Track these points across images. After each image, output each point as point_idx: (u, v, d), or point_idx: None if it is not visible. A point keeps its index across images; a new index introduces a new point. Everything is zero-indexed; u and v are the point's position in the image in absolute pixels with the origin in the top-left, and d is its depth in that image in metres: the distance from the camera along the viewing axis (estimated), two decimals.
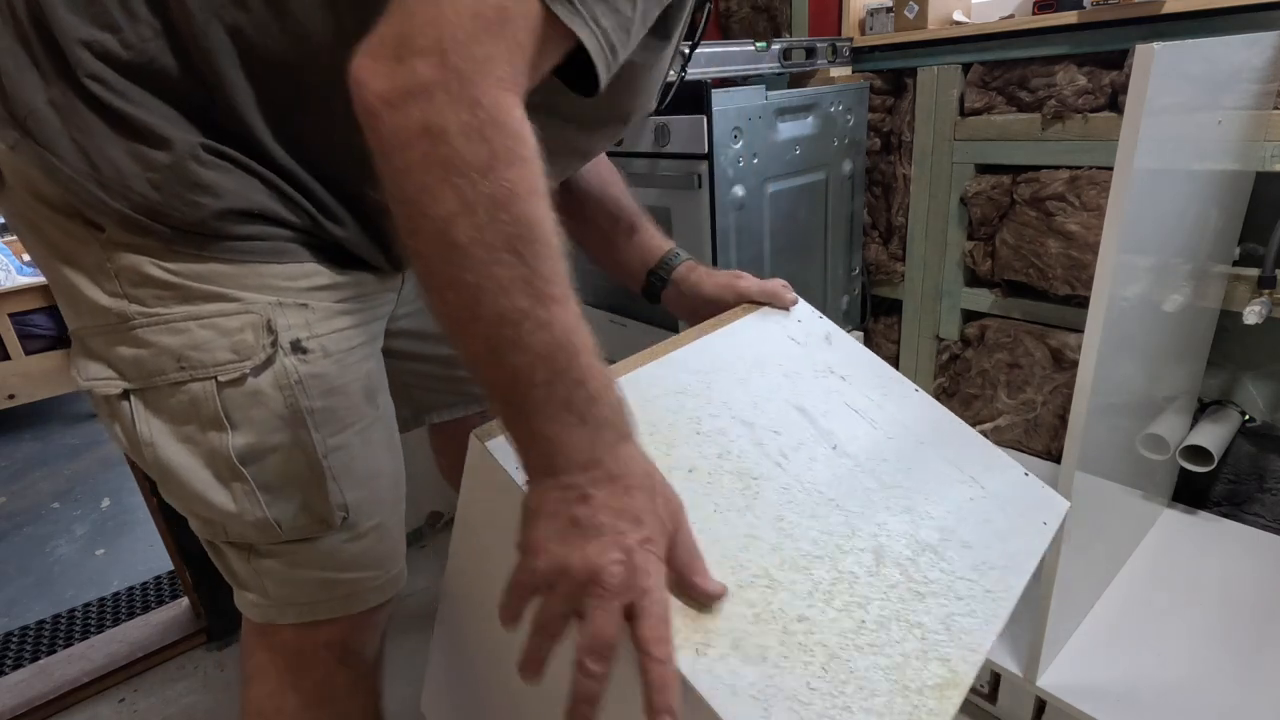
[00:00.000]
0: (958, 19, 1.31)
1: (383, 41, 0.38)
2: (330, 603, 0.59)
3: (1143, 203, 0.69)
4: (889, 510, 0.58)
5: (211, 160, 0.49)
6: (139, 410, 0.53)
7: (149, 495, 1.22)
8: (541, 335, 0.40)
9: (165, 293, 0.50)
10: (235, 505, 0.54)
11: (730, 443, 0.57)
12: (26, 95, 0.47)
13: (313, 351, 0.55)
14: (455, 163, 0.38)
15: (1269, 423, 1.14)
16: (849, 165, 1.35)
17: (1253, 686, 0.85)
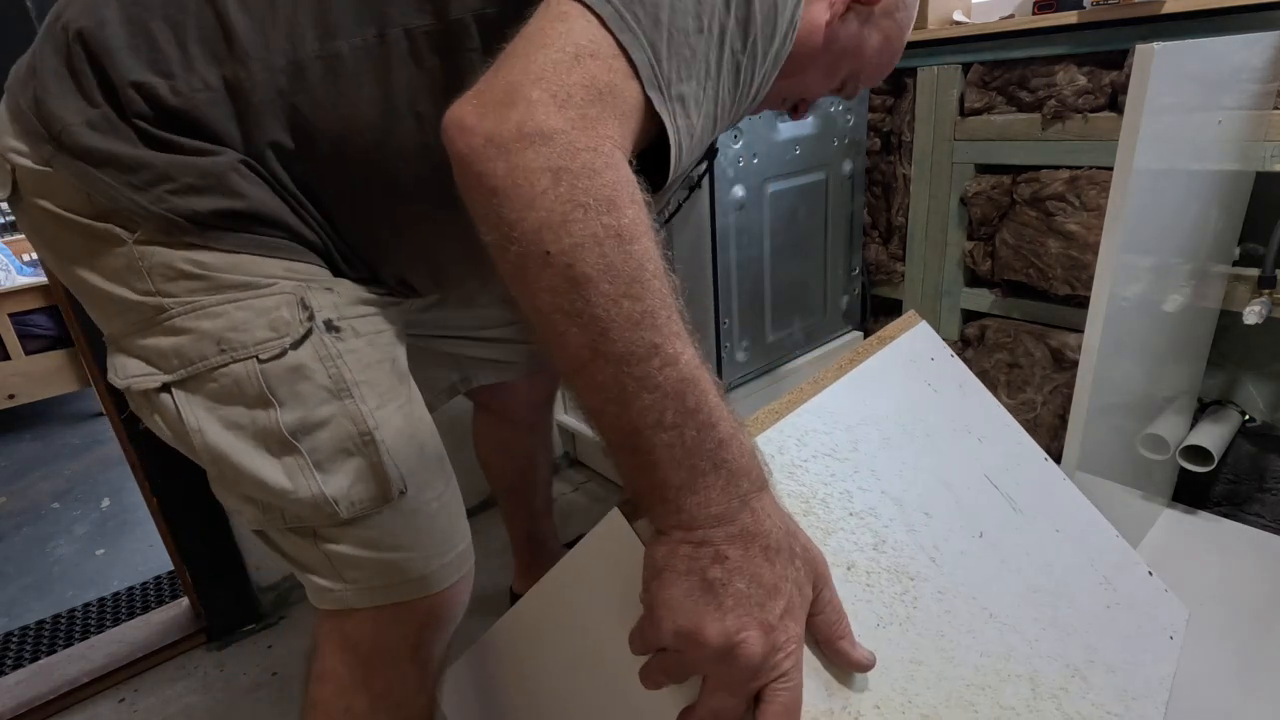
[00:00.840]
0: (958, 19, 1.31)
1: (491, 90, 0.39)
2: (405, 584, 0.59)
3: (1143, 203, 0.69)
4: (1038, 622, 0.58)
5: (250, 175, 0.52)
6: (182, 399, 0.53)
7: (149, 495, 1.22)
8: (670, 372, 0.39)
9: (198, 284, 0.52)
10: (290, 481, 0.54)
11: (884, 528, 0.55)
12: (64, 114, 0.49)
13: (345, 331, 0.56)
14: (580, 198, 0.38)
15: (1269, 423, 1.14)
16: (849, 165, 1.35)
17: (1253, 686, 0.85)
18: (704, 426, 0.39)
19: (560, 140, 0.38)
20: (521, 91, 0.38)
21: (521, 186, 0.37)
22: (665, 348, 0.39)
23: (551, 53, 0.39)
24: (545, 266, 0.38)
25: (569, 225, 0.37)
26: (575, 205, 0.37)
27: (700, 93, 0.45)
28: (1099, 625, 0.62)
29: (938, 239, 1.40)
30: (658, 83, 0.42)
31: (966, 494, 0.63)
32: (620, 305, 0.38)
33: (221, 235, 0.52)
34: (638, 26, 0.41)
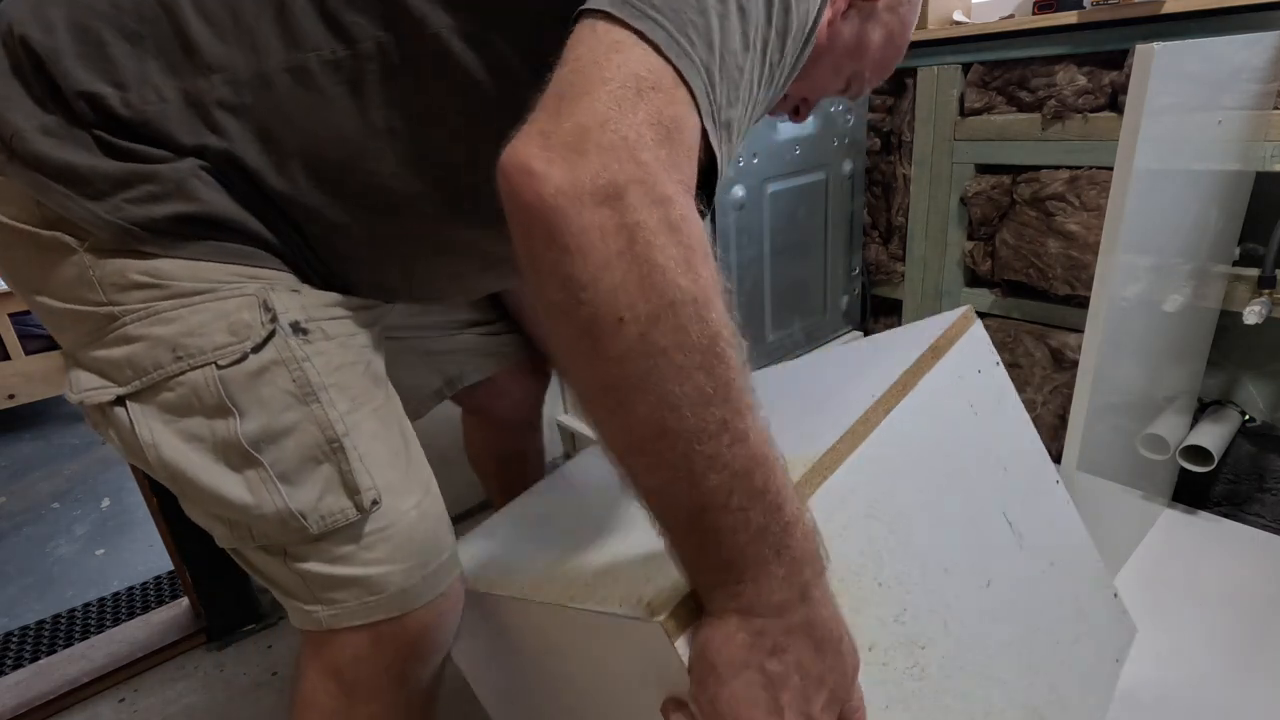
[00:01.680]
0: (958, 19, 1.31)
1: (558, 133, 0.35)
2: (385, 601, 0.55)
3: (1143, 203, 0.69)
4: (1017, 669, 0.63)
5: (211, 181, 0.49)
6: (136, 413, 0.50)
7: (149, 495, 1.22)
8: (739, 450, 0.37)
9: (153, 292, 0.49)
10: (253, 496, 0.51)
11: (907, 595, 0.55)
12: (17, 120, 0.47)
13: (313, 333, 0.53)
14: (658, 259, 0.35)
15: (1269, 423, 1.14)
16: (849, 165, 1.35)
17: (1253, 686, 0.85)
18: (770, 509, 0.38)
19: (636, 194, 0.35)
20: (591, 137, 0.35)
21: (596, 246, 0.35)
22: (735, 424, 0.37)
23: (614, 88, 0.36)
24: (617, 334, 0.35)
25: (646, 290, 0.35)
26: (653, 268, 0.35)
27: (743, 114, 0.43)
28: (1064, 661, 0.64)
29: (938, 239, 1.40)
30: (713, 113, 0.40)
31: (984, 536, 0.64)
32: (694, 378, 0.36)
33: (180, 243, 0.49)
34: (694, 51, 0.39)
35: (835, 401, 0.63)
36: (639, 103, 0.36)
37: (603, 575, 0.56)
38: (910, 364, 0.62)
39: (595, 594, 0.54)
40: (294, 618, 0.57)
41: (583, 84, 0.36)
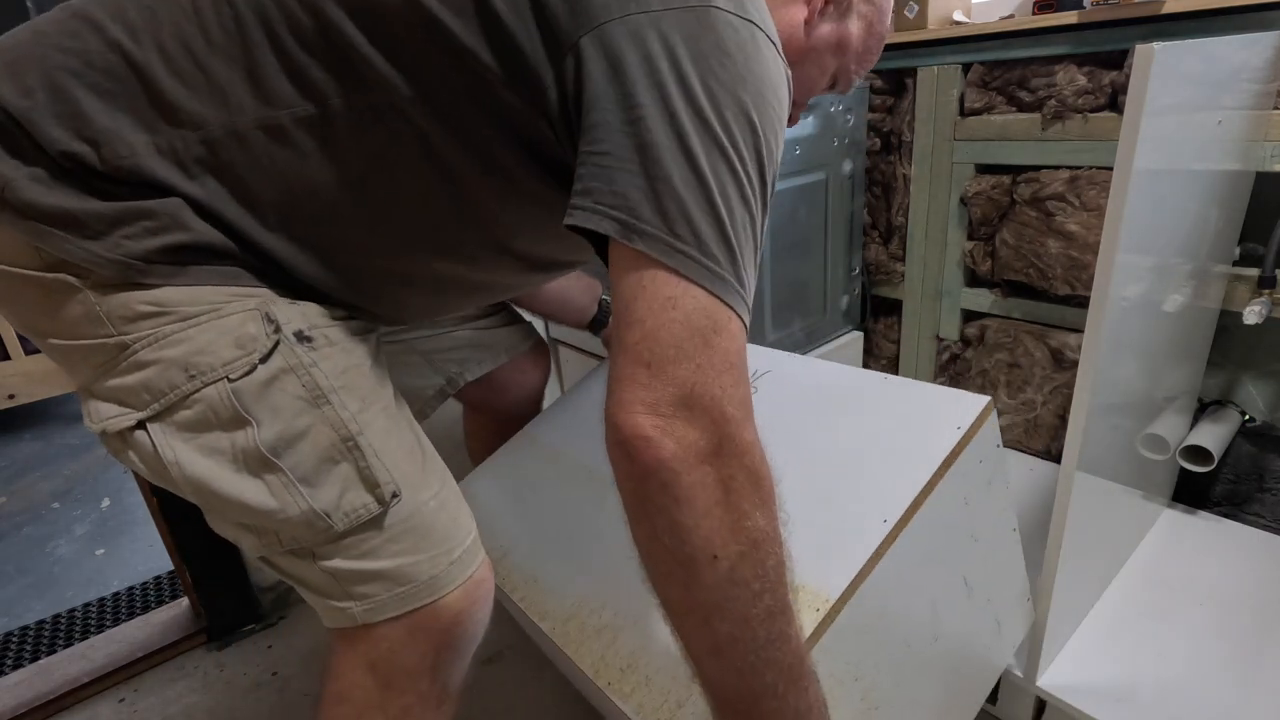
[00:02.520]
0: (958, 19, 1.31)
1: (659, 403, 0.43)
2: (415, 590, 0.57)
3: (1143, 203, 0.69)
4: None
5: (197, 218, 0.51)
6: (157, 434, 0.52)
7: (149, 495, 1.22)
8: (790, 650, 0.47)
9: (158, 320, 0.50)
10: (276, 500, 0.52)
11: (866, 675, 0.68)
12: (4, 171, 0.48)
13: (317, 340, 0.54)
14: (743, 506, 0.44)
15: (1269, 423, 1.14)
16: (849, 165, 1.35)
17: (1253, 686, 0.85)
18: (800, 694, 0.48)
19: (727, 449, 0.43)
20: (688, 404, 0.43)
21: (699, 498, 0.43)
22: (788, 630, 0.47)
23: (689, 348, 0.43)
24: (710, 568, 0.43)
25: (737, 534, 0.43)
26: (741, 514, 0.44)
27: (755, 264, 0.49)
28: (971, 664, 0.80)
29: (938, 239, 1.40)
30: (747, 305, 0.47)
31: (941, 597, 0.73)
32: (764, 600, 0.45)
33: (179, 271, 0.50)
34: (725, 272, 0.45)
35: (844, 511, 0.69)
36: (711, 354, 0.44)
37: (636, 662, 0.65)
38: (925, 482, 0.67)
39: (626, 682, 0.63)
40: (327, 618, 0.59)
41: (662, 352, 0.43)
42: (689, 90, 0.44)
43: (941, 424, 0.71)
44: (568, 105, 0.48)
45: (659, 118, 0.44)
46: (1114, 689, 0.86)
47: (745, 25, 0.47)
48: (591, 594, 0.75)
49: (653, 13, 0.45)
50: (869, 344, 1.61)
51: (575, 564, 0.80)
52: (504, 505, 0.93)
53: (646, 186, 0.44)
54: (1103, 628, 0.95)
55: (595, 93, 0.45)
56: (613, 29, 0.45)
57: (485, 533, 0.85)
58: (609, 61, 0.45)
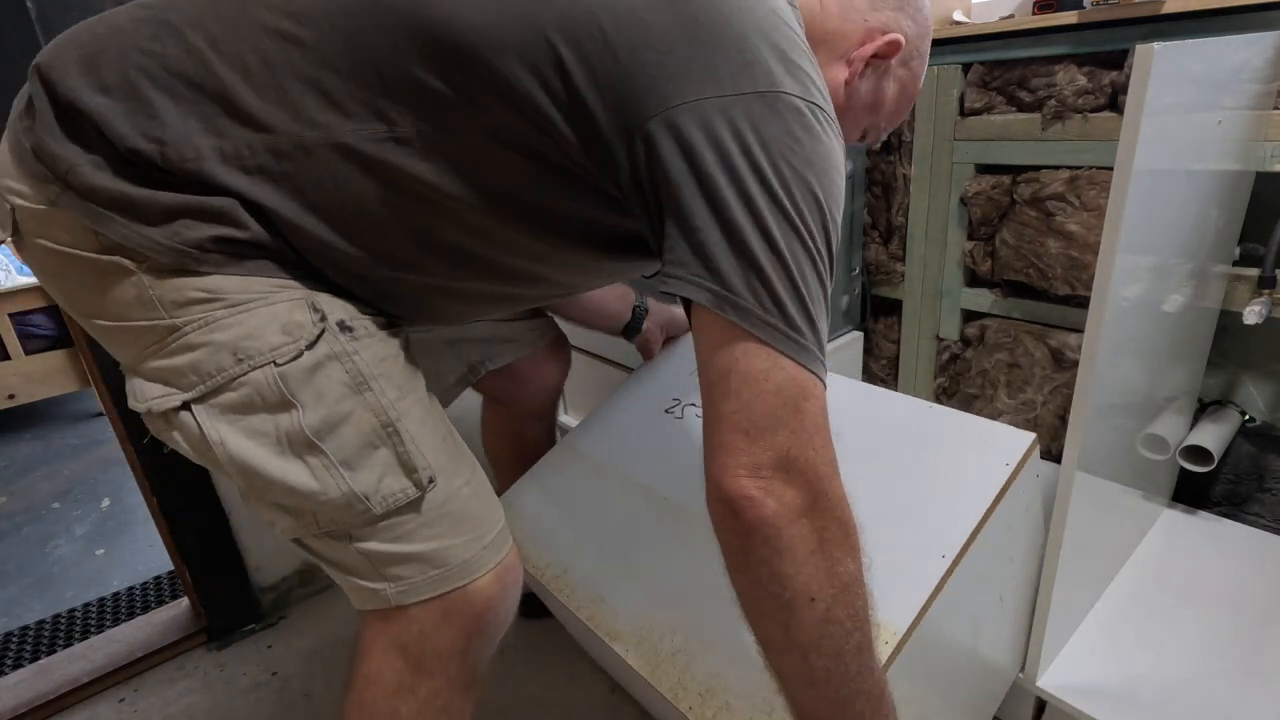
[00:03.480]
0: (958, 19, 1.31)
1: (762, 466, 0.48)
2: (449, 573, 0.59)
3: (1143, 203, 0.69)
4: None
5: (252, 220, 0.53)
6: (202, 414, 0.54)
7: (149, 495, 1.22)
8: (873, 680, 0.53)
9: (209, 305, 0.52)
10: (318, 482, 0.54)
11: None
12: (69, 155, 0.50)
13: (358, 330, 0.57)
14: (835, 554, 0.49)
15: (1269, 423, 1.14)
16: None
17: (1253, 686, 0.85)
18: (884, 715, 0.54)
19: (821, 504, 0.48)
20: (786, 467, 0.47)
21: (799, 549, 0.48)
22: (872, 664, 0.52)
23: (783, 415, 0.48)
24: (809, 609, 0.48)
25: (831, 579, 0.49)
26: (834, 561, 0.49)
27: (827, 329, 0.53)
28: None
29: (938, 239, 1.40)
30: (825, 368, 0.51)
31: (978, 611, 0.78)
32: (854, 637, 0.50)
33: (231, 262, 0.52)
34: (809, 342, 0.49)
35: (905, 546, 0.73)
36: (803, 419, 0.48)
37: (715, 686, 0.68)
38: (979, 519, 0.72)
39: (708, 707, 0.67)
40: (358, 600, 0.60)
41: (759, 420, 0.48)
42: (761, 175, 0.47)
43: (992, 460, 0.75)
44: (639, 177, 0.50)
45: (737, 201, 0.47)
46: (1114, 689, 0.86)
47: (810, 109, 0.49)
48: (661, 617, 0.77)
49: (725, 98, 0.47)
50: (869, 344, 1.61)
51: (641, 585, 0.81)
52: (556, 519, 0.94)
53: (736, 264, 0.47)
54: (1103, 628, 0.95)
55: (672, 172, 0.48)
56: (681, 114, 0.47)
57: (540, 547, 0.90)
58: (680, 146, 0.47)
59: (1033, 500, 0.81)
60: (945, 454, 0.79)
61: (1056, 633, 0.88)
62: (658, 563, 0.83)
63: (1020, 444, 0.76)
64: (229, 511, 1.30)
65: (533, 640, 1.23)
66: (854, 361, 1.53)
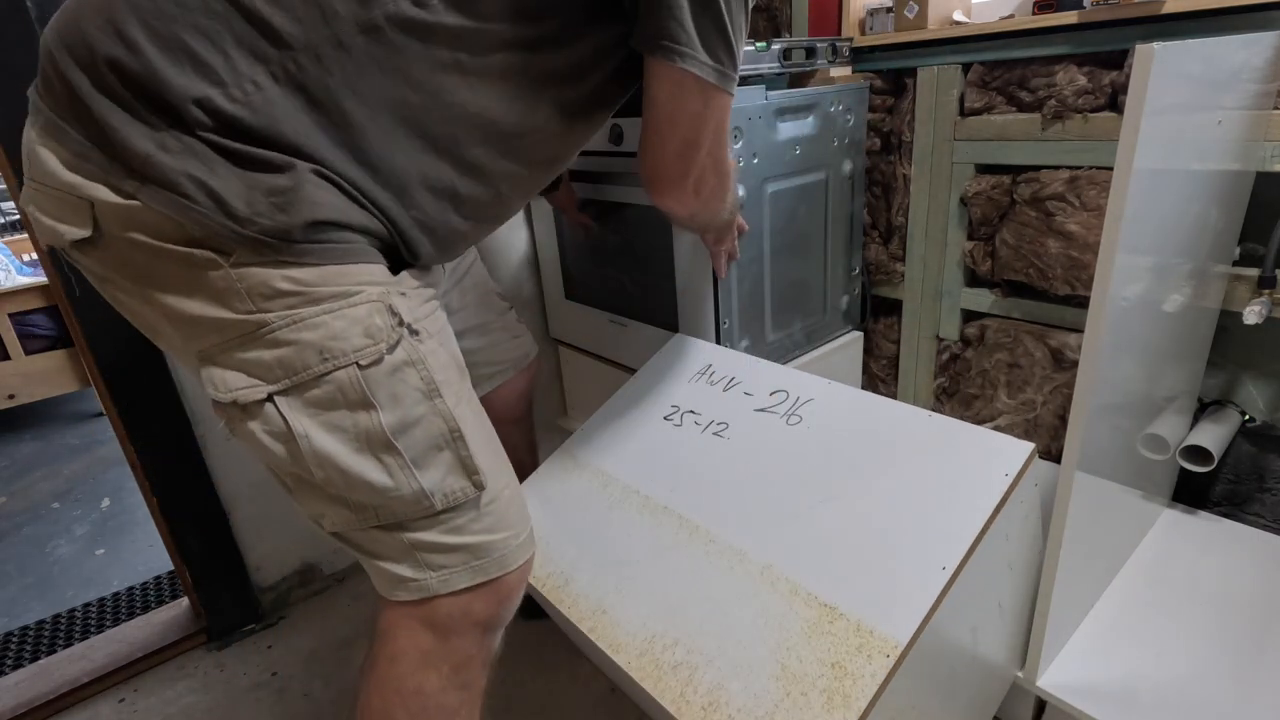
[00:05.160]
0: (958, 19, 1.31)
1: (676, 179, 0.74)
2: (489, 564, 0.64)
3: (1143, 203, 0.69)
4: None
5: (319, 181, 0.55)
6: (286, 407, 0.56)
7: (149, 495, 1.22)
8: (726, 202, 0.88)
9: (294, 299, 0.54)
10: (392, 480, 0.58)
11: None
12: (138, 144, 0.50)
13: (422, 333, 0.60)
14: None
15: (1269, 423, 1.14)
16: (849, 165, 1.35)
17: (1253, 686, 0.85)
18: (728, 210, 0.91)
19: (722, 169, 0.77)
20: (699, 186, 0.76)
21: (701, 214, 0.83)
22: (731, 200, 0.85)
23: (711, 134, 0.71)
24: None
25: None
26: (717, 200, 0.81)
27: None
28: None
29: (938, 239, 1.40)
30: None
31: (978, 619, 0.79)
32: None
33: (307, 249, 0.54)
34: (730, 71, 0.66)
35: (905, 557, 0.73)
36: (721, 135, 0.74)
37: (718, 700, 0.69)
38: (979, 530, 0.72)
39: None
40: (391, 588, 0.64)
41: (693, 139, 0.71)
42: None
43: (991, 471, 0.76)
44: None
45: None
46: (1114, 689, 0.86)
47: None
48: (663, 629, 0.78)
49: None
50: (869, 344, 1.61)
51: (643, 596, 0.82)
52: (555, 529, 0.95)
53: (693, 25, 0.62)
54: (1103, 628, 0.95)
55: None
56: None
57: (541, 558, 0.94)
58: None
59: (1032, 509, 0.81)
60: (945, 464, 0.79)
61: (1056, 633, 0.88)
62: (659, 574, 0.83)
63: (1019, 454, 0.76)
64: (229, 511, 1.30)
65: (533, 640, 1.23)
66: (854, 361, 1.53)
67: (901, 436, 0.84)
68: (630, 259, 1.31)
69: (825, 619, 0.71)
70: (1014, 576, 0.82)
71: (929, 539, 0.72)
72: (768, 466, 0.88)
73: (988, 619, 0.79)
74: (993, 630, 0.81)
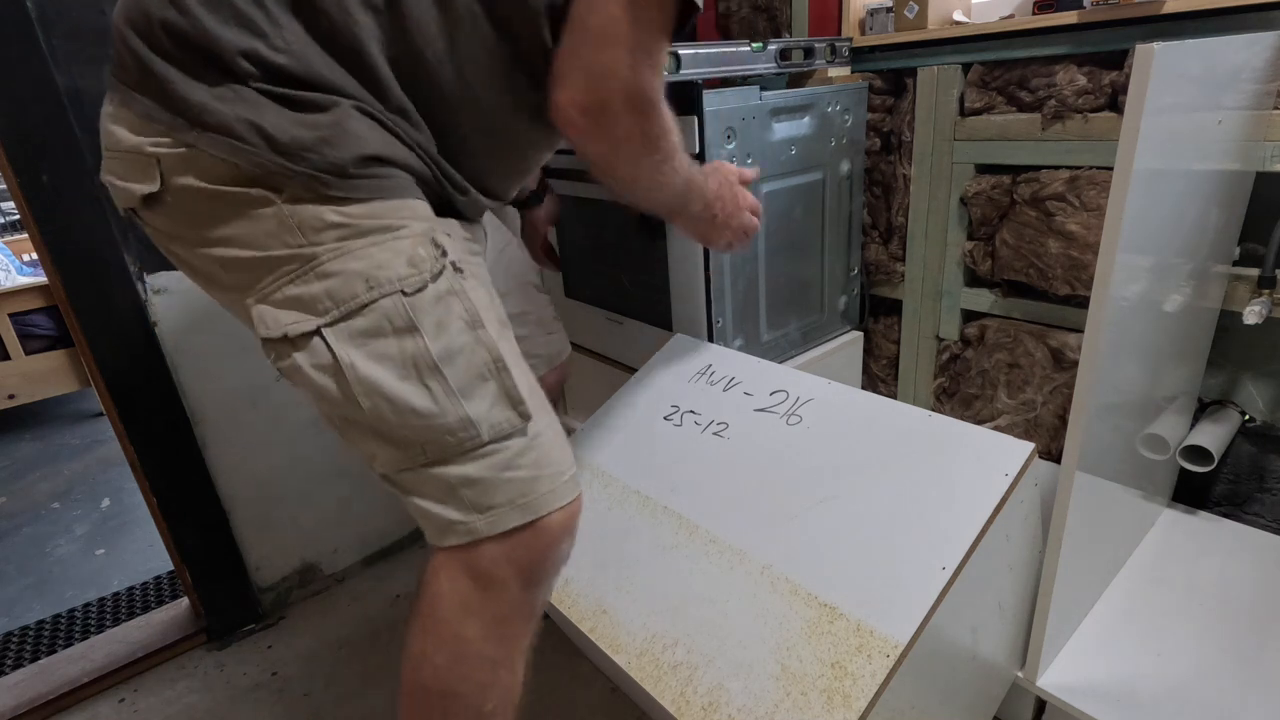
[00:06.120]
0: (958, 19, 1.31)
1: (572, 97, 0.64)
2: (535, 501, 0.63)
3: (1143, 203, 0.69)
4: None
5: (361, 118, 0.58)
6: (333, 338, 0.57)
7: (149, 495, 1.22)
8: (668, 171, 0.75)
9: (343, 231, 0.57)
10: (437, 405, 0.59)
11: None
12: (194, 96, 0.54)
13: (464, 271, 0.61)
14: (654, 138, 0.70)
15: (1269, 423, 1.14)
16: (847, 165, 1.35)
17: (1253, 686, 0.85)
18: (692, 199, 0.86)
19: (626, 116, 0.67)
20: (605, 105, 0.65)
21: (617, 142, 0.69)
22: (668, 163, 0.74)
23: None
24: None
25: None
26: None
27: None
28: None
29: (938, 239, 1.40)
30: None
31: (975, 620, 0.79)
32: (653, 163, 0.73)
33: (356, 183, 0.57)
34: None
35: (905, 557, 0.73)
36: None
37: (717, 700, 0.69)
38: (979, 530, 0.72)
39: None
40: (440, 534, 0.63)
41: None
42: None
43: (991, 471, 0.76)
44: None
45: None
46: (1114, 689, 0.86)
47: None
48: (663, 629, 0.78)
49: None
50: (869, 344, 1.61)
51: (643, 597, 0.82)
52: None
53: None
54: (1103, 628, 0.95)
55: None
56: None
57: None
58: None
59: (1031, 509, 0.81)
60: (945, 464, 0.79)
61: (1056, 633, 0.88)
62: (659, 574, 0.83)
63: (1019, 454, 0.77)
64: (229, 511, 1.30)
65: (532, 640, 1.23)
66: (854, 361, 1.53)
67: (901, 436, 0.84)
68: (626, 256, 1.31)
69: (825, 619, 0.71)
70: (1014, 576, 0.82)
71: (929, 539, 0.72)
72: (768, 466, 0.88)
73: (988, 619, 0.79)
74: (993, 630, 0.81)
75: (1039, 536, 0.84)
